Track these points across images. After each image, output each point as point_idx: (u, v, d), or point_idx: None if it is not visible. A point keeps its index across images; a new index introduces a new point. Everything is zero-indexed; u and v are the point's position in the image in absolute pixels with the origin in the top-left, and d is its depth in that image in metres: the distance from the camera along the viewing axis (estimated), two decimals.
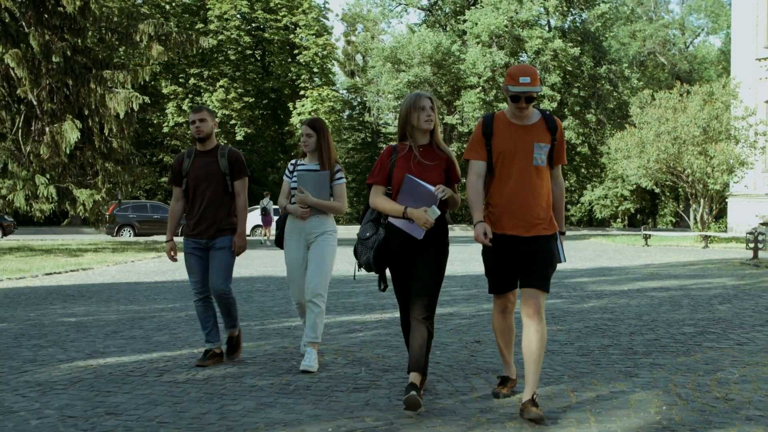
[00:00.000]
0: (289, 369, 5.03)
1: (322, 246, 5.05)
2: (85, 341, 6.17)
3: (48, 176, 19.30)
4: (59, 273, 13.25)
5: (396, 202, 4.05)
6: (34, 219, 20.82)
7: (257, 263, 15.42)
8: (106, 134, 20.02)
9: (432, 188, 3.95)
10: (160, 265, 15.13)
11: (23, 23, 19.58)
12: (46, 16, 19.40)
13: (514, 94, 3.89)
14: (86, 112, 19.64)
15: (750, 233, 15.90)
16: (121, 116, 18.92)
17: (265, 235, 25.55)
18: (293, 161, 5.31)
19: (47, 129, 19.27)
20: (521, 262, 3.94)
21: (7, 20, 18.99)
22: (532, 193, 3.93)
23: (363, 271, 4.26)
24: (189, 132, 38.81)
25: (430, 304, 4.01)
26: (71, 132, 18.17)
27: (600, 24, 43.13)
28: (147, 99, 19.96)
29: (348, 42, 59.08)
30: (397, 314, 5.28)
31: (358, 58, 59.06)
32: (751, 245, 15.74)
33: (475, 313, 7.73)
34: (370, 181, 4.18)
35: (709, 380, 4.69)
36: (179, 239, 6.22)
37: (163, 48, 19.55)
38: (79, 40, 19.57)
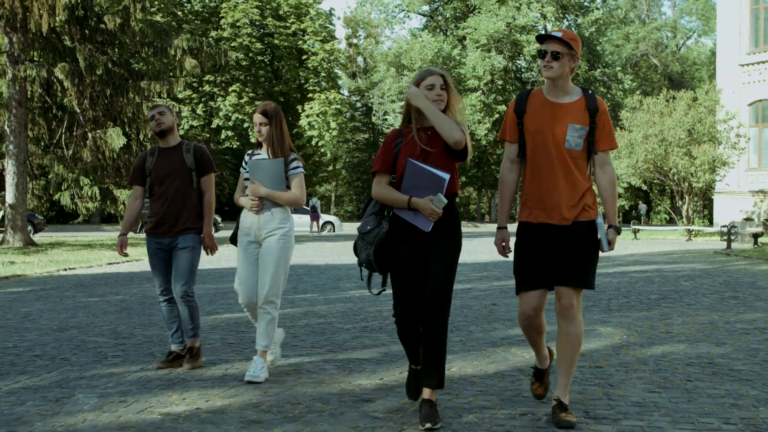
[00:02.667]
0: (363, 318, 7.03)
1: (273, 248, 4.65)
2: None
3: (91, 178, 21.24)
4: (118, 263, 15.20)
5: (401, 191, 3.67)
6: (81, 216, 22.73)
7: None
8: (142, 139, 21.99)
9: (439, 172, 3.58)
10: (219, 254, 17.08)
11: (66, 38, 21.55)
12: (87, 32, 21.37)
13: (540, 50, 3.63)
14: (125, 120, 21.61)
15: (724, 226, 17.92)
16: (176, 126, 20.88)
17: (311, 229, 30.74)
18: (249, 151, 4.92)
19: (89, 135, 21.23)
20: (558, 254, 3.61)
21: (48, 36, 20.89)
22: (565, 180, 3.59)
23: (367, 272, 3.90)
24: (204, 134, 40.77)
25: (446, 309, 3.65)
26: (117, 138, 20.12)
27: (594, 29, 45.16)
28: (183, 107, 21.89)
29: (350, 45, 61.05)
30: None
31: (360, 60, 61.03)
32: (725, 237, 17.76)
33: (488, 287, 9.73)
34: (373, 169, 3.78)
35: (659, 324, 6.69)
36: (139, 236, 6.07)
37: (196, 61, 21.50)
38: (119, 54, 21.53)
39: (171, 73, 22.69)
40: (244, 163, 4.85)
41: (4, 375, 4.81)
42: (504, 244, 3.75)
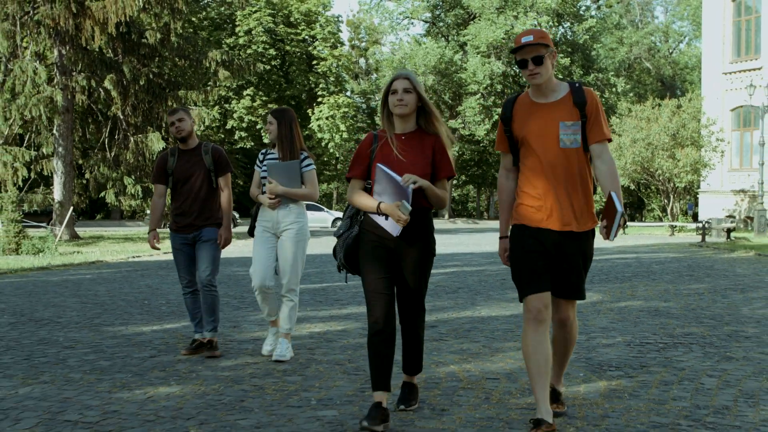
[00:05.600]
0: None
1: (292, 241, 5.08)
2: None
3: (133, 177, 23.62)
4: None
5: (373, 196, 3.68)
6: (123, 213, 25.03)
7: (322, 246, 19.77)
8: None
9: (400, 179, 3.54)
10: (241, 247, 19.45)
11: (109, 51, 23.89)
12: (130, 46, 23.72)
13: (519, 59, 3.47)
14: (163, 125, 23.97)
15: (699, 222, 20.35)
16: (195, 130, 23.27)
17: None
18: (264, 150, 5.34)
19: (131, 139, 23.59)
20: (554, 262, 3.50)
21: (92, 49, 23.19)
22: (563, 182, 3.45)
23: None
24: (219, 135, 43.11)
25: (421, 307, 3.79)
26: (157, 142, 22.49)
27: (588, 37, 47.60)
28: (217, 115, 24.22)
29: (353, 47, 63.41)
30: None
31: (362, 62, 63.38)
32: (700, 231, 20.19)
33: (497, 269, 12.12)
34: (348, 175, 3.81)
35: (627, 290, 9.09)
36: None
37: (229, 72, 23.85)
38: (158, 66, 23.90)
39: (206, 83, 24.99)
40: (258, 162, 5.26)
41: (180, 317, 7.18)
42: (507, 253, 3.66)
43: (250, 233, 5.31)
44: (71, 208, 21.82)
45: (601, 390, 4.28)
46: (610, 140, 3.54)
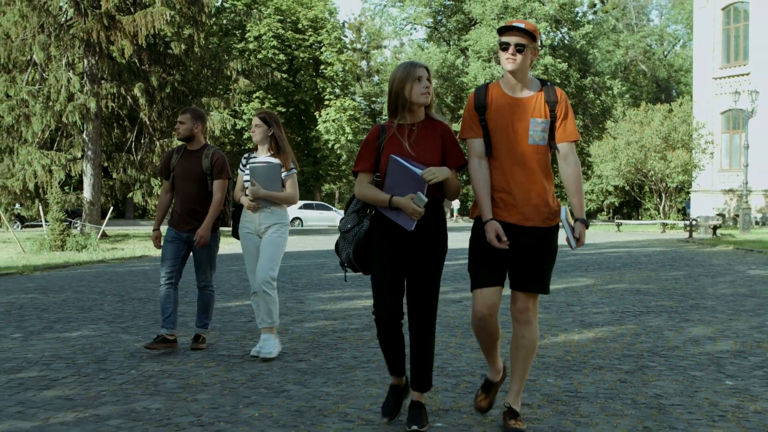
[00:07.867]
0: None
1: (272, 237, 5.23)
2: (303, 272, 12.17)
3: (159, 179, 25.28)
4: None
5: (384, 189, 3.58)
6: (139, 211, 26.61)
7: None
8: None
9: (419, 171, 3.46)
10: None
11: (136, 60, 25.54)
12: (156, 56, 25.38)
13: (503, 40, 3.47)
14: None
15: (686, 220, 22.03)
16: (217, 134, 24.94)
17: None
18: (246, 155, 5.42)
19: (157, 143, 25.25)
20: (514, 255, 3.50)
21: (120, 60, 24.84)
22: (529, 177, 3.49)
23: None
24: (231, 137, 44.75)
25: (434, 312, 3.60)
26: None
27: (585, 42, 49.33)
28: (238, 121, 25.85)
29: (354, 50, 65.07)
30: None
31: (363, 64, 65.04)
32: (687, 228, 21.88)
33: None
34: (355, 168, 3.69)
35: (616, 276, 10.76)
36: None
37: (248, 81, 25.52)
38: (183, 74, 25.57)
39: (226, 90, 26.65)
40: (242, 165, 5.39)
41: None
42: (498, 234, 3.46)
43: (234, 235, 5.49)
44: (111, 207, 23.46)
45: (589, 338, 5.96)
46: (577, 141, 3.61)
